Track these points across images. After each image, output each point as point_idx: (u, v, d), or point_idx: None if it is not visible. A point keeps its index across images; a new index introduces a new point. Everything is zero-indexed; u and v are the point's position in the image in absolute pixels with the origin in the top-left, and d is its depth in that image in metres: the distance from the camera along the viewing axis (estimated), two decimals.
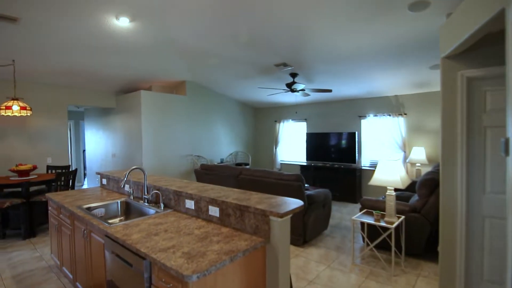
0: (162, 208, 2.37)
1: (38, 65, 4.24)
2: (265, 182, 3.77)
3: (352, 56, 4.03)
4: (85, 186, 7.85)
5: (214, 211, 2.01)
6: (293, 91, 5.04)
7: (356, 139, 6.17)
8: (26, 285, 2.66)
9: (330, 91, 5.00)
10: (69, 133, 7.99)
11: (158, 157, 5.55)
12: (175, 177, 5.86)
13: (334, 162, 6.46)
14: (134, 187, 2.86)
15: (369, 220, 3.04)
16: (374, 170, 5.87)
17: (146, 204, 2.51)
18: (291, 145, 7.68)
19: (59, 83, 5.25)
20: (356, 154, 6.16)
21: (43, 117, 5.09)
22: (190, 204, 2.20)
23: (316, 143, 6.79)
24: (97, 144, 6.83)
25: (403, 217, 3.08)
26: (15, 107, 3.79)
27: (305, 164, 6.90)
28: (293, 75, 5.02)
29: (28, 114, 3.99)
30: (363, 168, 6.25)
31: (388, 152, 5.92)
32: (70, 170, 4.43)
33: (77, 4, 2.75)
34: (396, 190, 4.29)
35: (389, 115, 5.80)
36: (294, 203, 1.84)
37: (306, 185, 5.17)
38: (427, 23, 2.98)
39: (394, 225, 2.83)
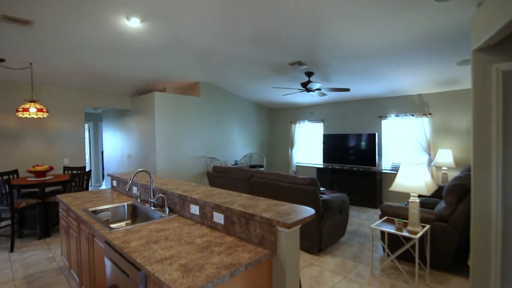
0: (167, 212, 2.28)
1: (54, 67, 4.32)
2: (278, 186, 3.61)
3: (372, 53, 3.79)
4: (103, 187, 8.02)
5: (218, 217, 1.89)
6: (308, 90, 4.84)
7: (376, 141, 5.86)
8: (35, 287, 2.66)
9: (348, 90, 4.76)
10: (88, 134, 8.20)
11: (171, 158, 5.52)
12: (188, 179, 5.85)
13: (353, 165, 6.18)
14: (141, 190, 2.79)
15: (390, 229, 2.80)
16: (395, 174, 5.55)
17: (152, 208, 2.42)
18: (307, 147, 7.45)
19: (75, 85, 5.35)
20: (376, 157, 5.85)
21: (60, 118, 5.21)
22: (195, 209, 2.09)
23: (334, 145, 6.54)
24: (114, 145, 6.94)
25: (428, 226, 2.82)
26: (32, 109, 3.87)
27: (321, 166, 6.66)
28: (309, 74, 4.83)
29: (45, 116, 4.06)
30: (383, 171, 5.92)
31: (411, 155, 5.57)
32: (85, 171, 4.47)
33: (87, 5, 2.73)
34: (420, 196, 3.98)
35: (412, 115, 5.46)
36: (305, 211, 1.67)
37: (322, 188, 4.96)
38: (455, 14, 2.71)
39: (418, 235, 2.58)
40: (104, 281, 1.91)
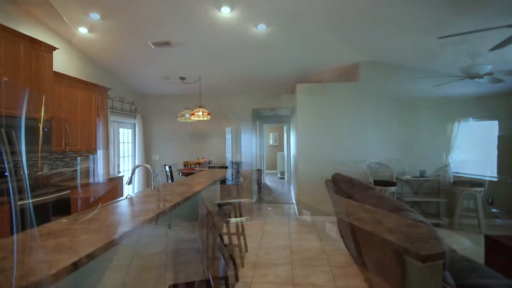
0: None
1: (213, 78, 5.30)
2: None
3: None
4: None
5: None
6: None
7: None
8: (178, 261, 3.18)
9: None
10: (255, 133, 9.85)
11: (315, 160, 4.67)
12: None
13: None
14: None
15: None
16: None
17: (269, 208, 2.37)
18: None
19: (228, 92, 6.38)
20: None
21: (217, 121, 6.40)
22: None
23: None
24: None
25: None
26: (200, 113, 5.06)
27: None
28: None
29: (207, 119, 5.16)
30: None
31: None
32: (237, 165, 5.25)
33: (225, 23, 3.12)
34: None
35: None
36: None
37: None
38: None
39: None
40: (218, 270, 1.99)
